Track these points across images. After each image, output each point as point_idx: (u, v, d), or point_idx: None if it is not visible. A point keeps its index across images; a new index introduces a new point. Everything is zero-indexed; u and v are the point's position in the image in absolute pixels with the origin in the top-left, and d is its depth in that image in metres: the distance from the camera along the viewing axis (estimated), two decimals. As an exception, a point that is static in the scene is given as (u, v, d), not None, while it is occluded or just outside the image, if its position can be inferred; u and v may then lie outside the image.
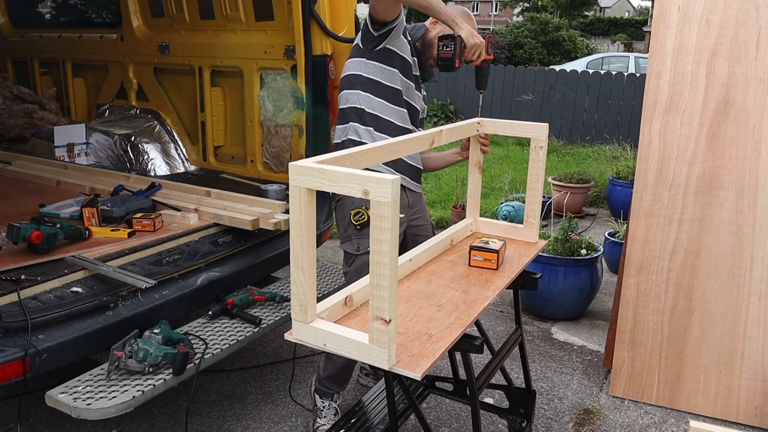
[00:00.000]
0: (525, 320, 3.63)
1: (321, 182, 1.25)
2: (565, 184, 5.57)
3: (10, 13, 4.68)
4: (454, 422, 2.64)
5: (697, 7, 2.63)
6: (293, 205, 1.29)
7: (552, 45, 21.39)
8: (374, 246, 1.22)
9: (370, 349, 1.30)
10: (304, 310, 1.37)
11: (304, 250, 1.31)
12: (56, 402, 1.84)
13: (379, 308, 1.25)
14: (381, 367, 1.31)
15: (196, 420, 2.57)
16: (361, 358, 1.34)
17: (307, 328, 1.38)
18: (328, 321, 1.44)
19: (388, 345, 1.28)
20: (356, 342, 1.33)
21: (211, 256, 2.51)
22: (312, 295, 1.37)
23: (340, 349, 1.36)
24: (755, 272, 2.60)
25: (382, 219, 1.19)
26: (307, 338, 1.40)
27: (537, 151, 2.05)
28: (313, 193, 1.28)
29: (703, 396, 2.72)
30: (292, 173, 1.27)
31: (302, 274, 1.33)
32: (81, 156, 3.85)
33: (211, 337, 2.27)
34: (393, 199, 1.16)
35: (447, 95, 10.60)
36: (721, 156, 2.63)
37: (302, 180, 1.26)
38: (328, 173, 1.24)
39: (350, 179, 1.22)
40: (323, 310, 1.46)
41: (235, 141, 3.64)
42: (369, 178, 1.19)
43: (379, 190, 1.17)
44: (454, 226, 2.22)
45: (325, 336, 1.37)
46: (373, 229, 1.21)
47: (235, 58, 3.42)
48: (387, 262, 1.21)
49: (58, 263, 2.21)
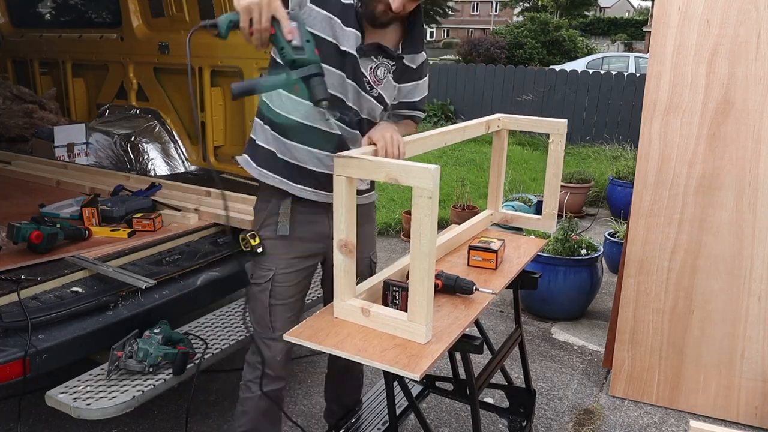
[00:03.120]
0: (525, 320, 3.63)
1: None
2: (565, 184, 5.57)
3: (10, 13, 4.69)
4: (454, 422, 2.64)
5: (697, 7, 2.63)
6: (337, 192, 1.45)
7: (552, 45, 21.39)
8: (415, 232, 1.36)
9: (408, 325, 1.44)
10: (342, 290, 1.52)
11: (350, 233, 1.46)
12: (56, 402, 1.84)
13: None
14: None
15: (196, 420, 2.57)
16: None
17: (345, 306, 1.53)
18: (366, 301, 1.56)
19: (426, 321, 1.41)
20: (395, 318, 1.46)
21: (211, 256, 2.51)
22: (352, 274, 1.51)
23: (382, 326, 1.48)
24: (755, 272, 2.60)
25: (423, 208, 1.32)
26: (345, 316, 1.53)
27: (556, 146, 2.12)
28: (352, 182, 1.44)
29: (703, 396, 2.72)
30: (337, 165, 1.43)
31: (345, 255, 1.48)
32: (81, 156, 3.85)
33: (211, 337, 2.27)
34: (434, 186, 1.30)
35: (447, 95, 10.59)
36: (721, 156, 2.63)
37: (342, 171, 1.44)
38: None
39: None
40: (360, 292, 1.59)
41: (235, 141, 3.64)
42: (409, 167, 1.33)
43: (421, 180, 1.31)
44: (475, 217, 2.31)
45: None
46: (414, 218, 1.34)
47: (235, 58, 3.41)
48: (426, 251, 1.35)
49: (58, 263, 2.21)
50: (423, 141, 1.73)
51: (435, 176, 1.28)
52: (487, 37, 22.55)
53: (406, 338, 1.43)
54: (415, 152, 1.68)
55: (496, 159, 2.25)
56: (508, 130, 2.23)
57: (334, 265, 1.50)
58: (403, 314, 1.45)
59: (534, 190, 6.08)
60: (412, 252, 1.37)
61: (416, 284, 1.38)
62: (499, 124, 2.17)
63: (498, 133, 2.20)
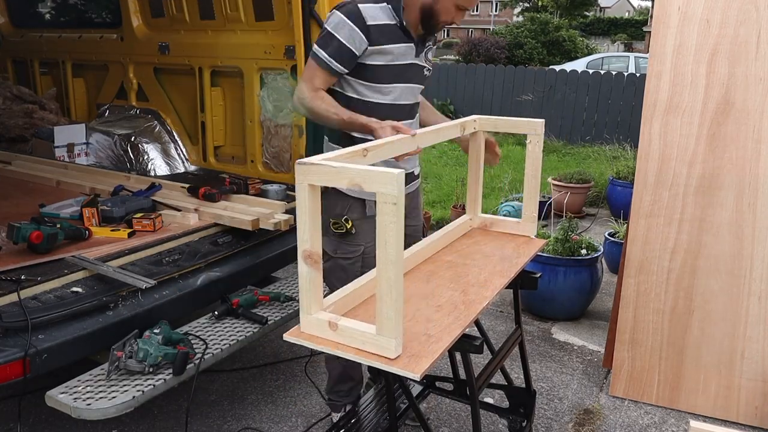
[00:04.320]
0: (525, 320, 3.63)
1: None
2: (565, 184, 5.57)
3: (10, 13, 4.69)
4: (454, 422, 2.64)
5: (697, 7, 2.63)
6: (300, 200, 1.35)
7: (552, 45, 21.41)
8: (380, 240, 1.26)
9: (376, 338, 1.34)
10: (308, 303, 1.42)
11: (315, 244, 1.37)
12: (56, 402, 1.83)
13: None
14: (384, 361, 1.33)
15: (196, 420, 2.57)
16: (364, 351, 1.35)
17: (312, 319, 1.43)
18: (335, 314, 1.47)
19: (395, 334, 1.31)
20: (363, 332, 1.36)
21: (211, 256, 2.51)
22: (318, 286, 1.42)
23: (349, 340, 1.38)
24: (755, 272, 2.60)
25: (387, 215, 1.24)
26: (312, 330, 1.44)
27: (534, 147, 2.05)
28: (315, 189, 1.34)
29: (703, 396, 2.72)
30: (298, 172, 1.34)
31: (310, 266, 1.39)
32: (81, 156, 3.85)
33: (211, 337, 2.27)
34: (399, 192, 1.22)
35: (447, 95, 10.59)
36: (721, 156, 2.63)
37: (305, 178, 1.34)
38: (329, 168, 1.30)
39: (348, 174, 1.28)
40: (330, 304, 1.50)
41: (235, 141, 3.64)
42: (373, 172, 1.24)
43: (385, 185, 1.23)
44: (452, 223, 2.23)
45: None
46: (379, 225, 1.26)
47: (235, 58, 3.42)
48: (393, 259, 1.26)
49: (58, 263, 2.21)
50: (395, 144, 1.67)
51: (399, 181, 1.21)
52: (487, 37, 22.56)
53: (375, 353, 1.35)
54: (387, 156, 1.63)
55: (474, 161, 2.17)
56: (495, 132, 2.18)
57: (299, 277, 1.42)
58: (372, 327, 1.35)
59: (534, 190, 6.07)
60: (378, 261, 1.28)
61: (384, 295, 1.28)
62: (475, 125, 2.10)
63: (474, 135, 2.13)
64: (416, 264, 1.91)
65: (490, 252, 2.03)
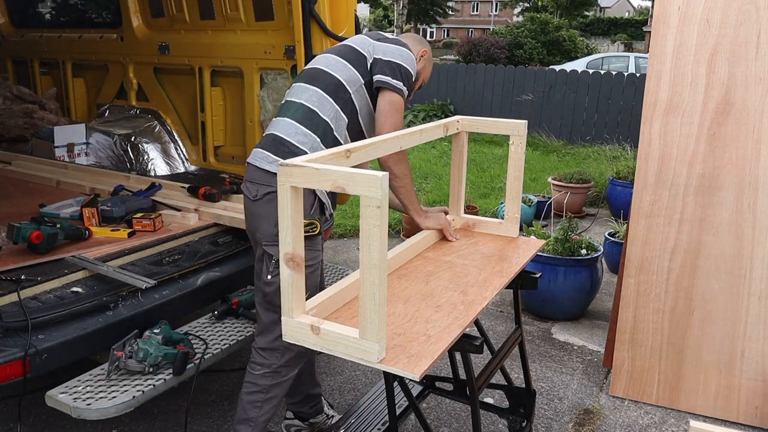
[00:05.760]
0: (525, 320, 3.63)
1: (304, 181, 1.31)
2: (565, 184, 5.57)
3: (10, 13, 4.69)
4: (454, 422, 2.64)
5: (697, 7, 2.63)
6: (282, 202, 1.33)
7: (552, 45, 21.42)
8: (364, 244, 1.25)
9: (359, 343, 1.32)
10: (290, 306, 1.40)
11: (297, 246, 1.35)
12: (56, 402, 1.84)
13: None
14: (369, 363, 1.32)
15: (196, 420, 2.57)
16: (348, 355, 1.34)
17: (294, 323, 1.40)
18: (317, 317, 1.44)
19: (378, 338, 1.29)
20: (346, 336, 1.34)
21: (211, 256, 2.51)
22: (300, 289, 1.39)
23: (332, 345, 1.36)
24: (755, 272, 2.60)
25: (371, 218, 1.23)
26: (295, 334, 1.41)
27: (516, 148, 2.06)
28: (298, 191, 1.32)
29: (703, 396, 2.72)
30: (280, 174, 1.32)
31: (292, 269, 1.36)
32: (81, 156, 3.85)
33: (211, 337, 2.27)
34: (383, 195, 1.20)
35: (447, 95, 10.59)
36: (721, 156, 2.63)
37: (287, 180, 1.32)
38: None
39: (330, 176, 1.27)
40: (311, 308, 1.47)
41: (235, 141, 3.64)
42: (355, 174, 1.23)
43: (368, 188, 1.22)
44: None
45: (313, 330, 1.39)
46: (362, 229, 1.25)
47: (235, 58, 3.42)
48: (376, 263, 1.25)
49: (58, 263, 2.21)
50: (377, 145, 1.65)
51: (383, 184, 1.19)
52: (487, 37, 22.56)
53: (358, 357, 1.33)
54: (370, 157, 1.62)
55: (456, 162, 2.16)
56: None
57: (281, 281, 1.39)
58: (355, 331, 1.33)
59: (534, 189, 6.08)
60: (361, 265, 1.27)
61: (367, 299, 1.27)
62: (458, 126, 2.11)
63: (457, 135, 2.13)
64: (396, 267, 1.88)
65: (490, 252, 2.03)
